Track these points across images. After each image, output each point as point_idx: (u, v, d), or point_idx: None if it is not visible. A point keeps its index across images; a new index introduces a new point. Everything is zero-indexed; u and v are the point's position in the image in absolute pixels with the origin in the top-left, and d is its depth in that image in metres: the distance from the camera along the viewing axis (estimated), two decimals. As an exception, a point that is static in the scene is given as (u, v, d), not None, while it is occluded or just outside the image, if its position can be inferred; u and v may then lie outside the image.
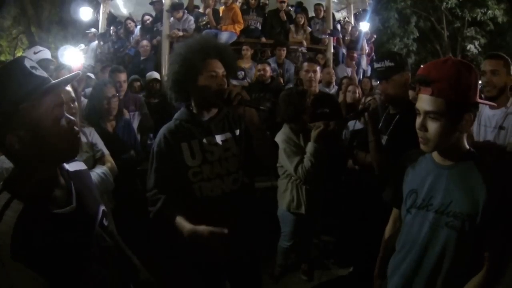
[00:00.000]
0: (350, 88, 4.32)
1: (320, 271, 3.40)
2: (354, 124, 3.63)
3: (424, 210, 1.40)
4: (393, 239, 1.65)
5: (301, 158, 2.80)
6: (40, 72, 1.03)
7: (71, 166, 1.25)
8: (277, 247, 3.29)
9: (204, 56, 1.77)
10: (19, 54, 18.22)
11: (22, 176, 1.05)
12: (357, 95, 4.19)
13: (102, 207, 1.30)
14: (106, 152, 2.56)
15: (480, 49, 17.18)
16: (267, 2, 6.96)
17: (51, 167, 1.11)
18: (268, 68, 4.87)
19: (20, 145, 0.99)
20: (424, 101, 1.32)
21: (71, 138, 1.08)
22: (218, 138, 1.83)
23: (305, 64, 3.80)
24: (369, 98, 2.77)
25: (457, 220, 1.29)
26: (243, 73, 5.10)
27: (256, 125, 1.80)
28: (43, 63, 2.87)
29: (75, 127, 1.09)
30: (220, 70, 1.79)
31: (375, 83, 5.77)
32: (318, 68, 3.94)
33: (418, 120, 1.35)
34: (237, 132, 1.90)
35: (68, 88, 2.03)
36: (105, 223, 1.28)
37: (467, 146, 1.38)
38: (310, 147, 2.75)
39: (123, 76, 3.78)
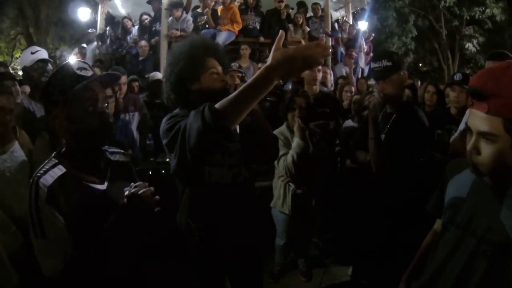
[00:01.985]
0: (346, 88, 4.34)
1: (319, 270, 3.41)
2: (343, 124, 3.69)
3: (462, 231, 1.21)
4: (430, 249, 1.47)
5: (286, 152, 2.94)
6: (85, 72, 1.31)
7: (114, 156, 1.53)
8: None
9: (204, 54, 1.77)
10: (17, 55, 18.21)
11: (68, 151, 1.36)
12: (351, 94, 4.23)
13: None
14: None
15: (478, 48, 17.22)
16: (260, 4, 6.97)
17: (89, 147, 1.36)
18: None
19: (61, 126, 1.30)
20: (478, 119, 1.08)
21: (101, 125, 1.32)
22: None
23: None
24: (368, 96, 2.80)
25: (495, 251, 1.09)
26: (237, 64, 5.18)
27: (259, 115, 1.82)
28: (40, 63, 2.86)
29: (109, 118, 1.36)
30: (219, 67, 1.80)
31: (371, 82, 5.79)
32: (320, 67, 3.88)
33: (470, 140, 1.13)
34: (237, 128, 1.88)
35: None
36: None
37: None
38: (295, 143, 2.84)
39: (123, 79, 3.78)
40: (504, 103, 1.02)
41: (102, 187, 1.37)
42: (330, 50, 1.22)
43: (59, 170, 1.28)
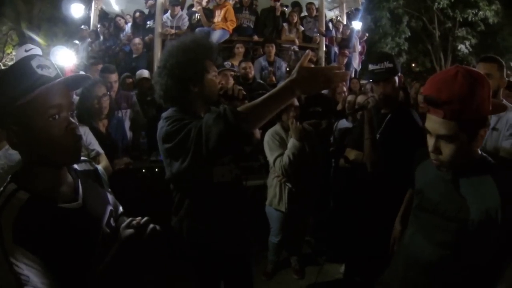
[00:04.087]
0: (338, 89, 4.36)
1: (312, 268, 3.43)
2: (337, 123, 3.70)
3: (432, 215, 1.34)
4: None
5: (281, 152, 2.95)
6: (47, 72, 1.05)
7: (80, 166, 1.29)
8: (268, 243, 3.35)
9: (206, 56, 1.77)
10: (8, 51, 18.00)
11: (27, 169, 1.10)
12: (345, 94, 4.26)
13: (110, 208, 1.30)
14: (101, 151, 2.57)
15: (471, 49, 17.36)
16: (256, 4, 7.00)
17: (53, 165, 1.12)
18: (252, 67, 4.86)
19: (17, 140, 1.05)
20: (436, 124, 1.22)
21: (68, 142, 1.08)
22: None
23: None
24: (362, 97, 2.81)
25: (469, 227, 1.21)
26: (229, 63, 5.24)
27: None
28: None
29: (76, 132, 1.09)
30: (216, 70, 1.82)
31: (363, 82, 5.82)
32: None
33: (430, 142, 1.27)
34: None
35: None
36: (113, 223, 1.29)
37: (479, 152, 1.30)
38: (290, 143, 2.85)
39: (114, 77, 3.74)
40: (457, 108, 1.15)
41: (78, 204, 1.14)
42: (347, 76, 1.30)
43: (21, 197, 1.02)
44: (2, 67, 13.82)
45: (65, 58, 4.37)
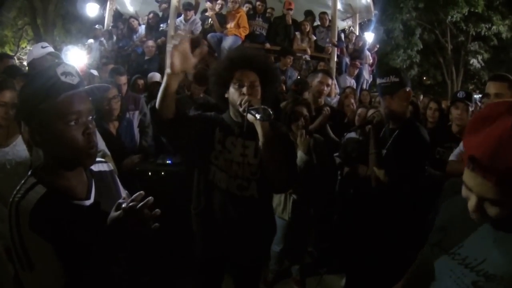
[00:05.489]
0: (346, 102, 4.34)
1: (313, 279, 3.41)
2: (345, 135, 3.69)
3: (450, 257, 1.15)
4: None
5: None
6: (70, 79, 1.14)
7: (96, 167, 1.38)
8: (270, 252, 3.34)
9: (232, 68, 1.85)
10: (23, 45, 18.27)
11: (46, 166, 1.20)
12: (353, 107, 4.25)
13: None
14: (107, 153, 2.59)
15: (483, 64, 17.31)
16: (273, 12, 7.03)
17: (69, 165, 1.20)
18: None
19: (39, 138, 1.14)
20: (482, 186, 0.91)
21: (83, 146, 1.15)
22: (242, 142, 1.89)
23: (320, 74, 3.67)
24: (372, 111, 2.81)
25: (489, 283, 1.00)
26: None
27: (264, 137, 1.74)
28: (50, 56, 3.03)
29: (91, 137, 1.18)
30: (248, 79, 1.81)
31: (374, 94, 5.80)
32: (330, 81, 3.75)
33: (471, 202, 0.98)
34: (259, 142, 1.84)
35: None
36: None
37: None
38: (298, 156, 2.83)
39: (123, 79, 3.76)
40: None
41: (89, 202, 1.23)
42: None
43: (39, 190, 1.12)
44: (17, 61, 13.99)
45: (76, 58, 4.43)
